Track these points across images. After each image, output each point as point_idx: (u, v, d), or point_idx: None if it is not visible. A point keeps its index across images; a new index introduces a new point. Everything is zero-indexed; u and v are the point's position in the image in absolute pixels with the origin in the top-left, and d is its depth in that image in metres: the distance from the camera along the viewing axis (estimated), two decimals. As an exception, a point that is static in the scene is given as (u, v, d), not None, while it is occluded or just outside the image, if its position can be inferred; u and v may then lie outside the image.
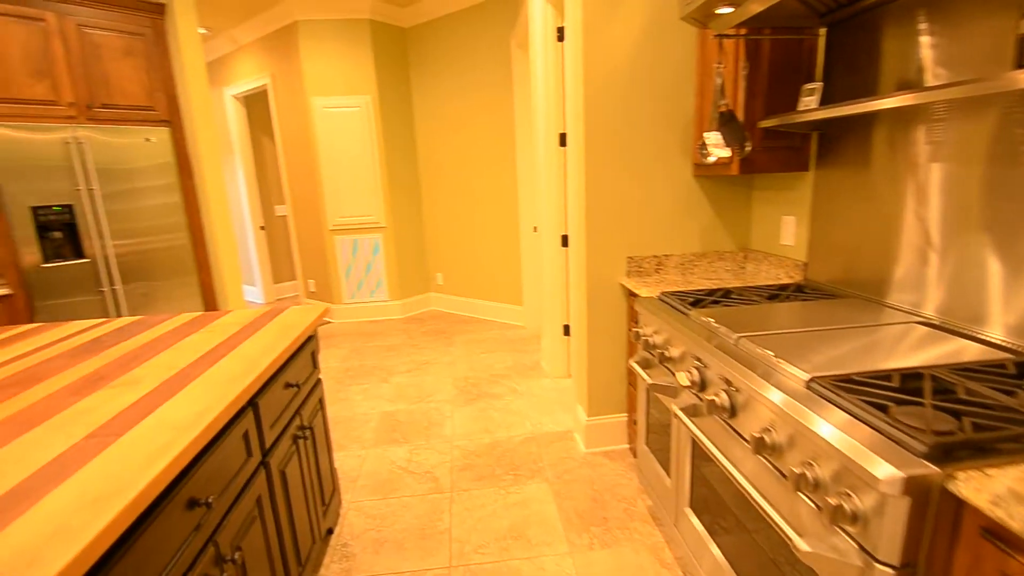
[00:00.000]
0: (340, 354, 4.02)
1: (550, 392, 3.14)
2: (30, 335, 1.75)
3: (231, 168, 5.79)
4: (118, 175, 3.03)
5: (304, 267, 5.24)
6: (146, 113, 3.15)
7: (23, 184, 2.74)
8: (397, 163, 4.82)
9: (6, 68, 2.67)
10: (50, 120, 2.82)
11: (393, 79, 4.70)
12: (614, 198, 2.23)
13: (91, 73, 2.93)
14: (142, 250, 3.16)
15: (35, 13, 2.72)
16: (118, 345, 1.57)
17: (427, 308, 5.27)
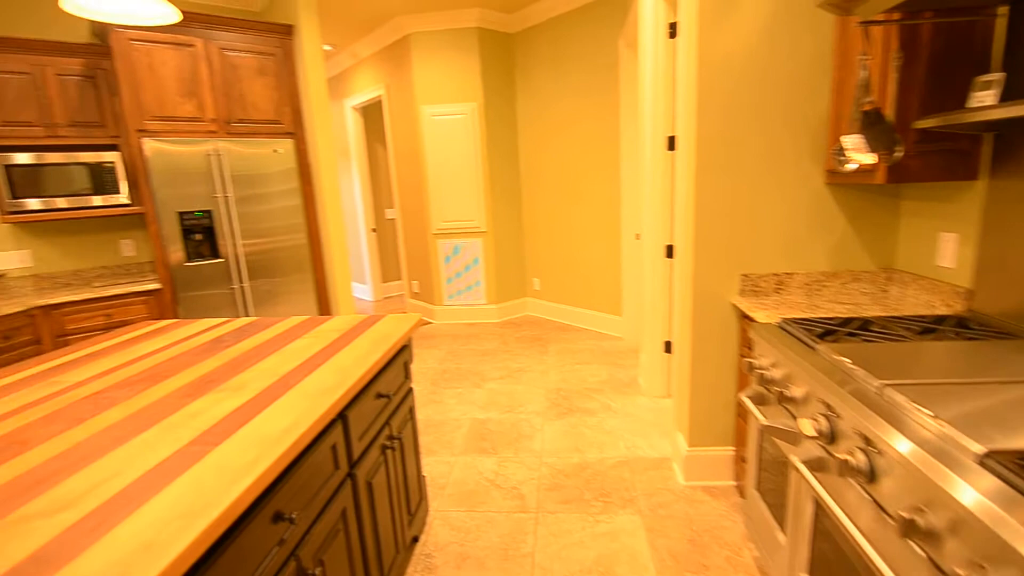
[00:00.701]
0: (438, 355, 4.12)
1: (647, 412, 2.95)
2: (167, 330, 1.95)
3: (348, 174, 6.20)
4: (248, 181, 3.33)
5: (409, 268, 5.47)
6: (274, 126, 3.44)
7: (172, 191, 3.10)
8: (499, 168, 4.85)
9: (163, 89, 3.03)
10: (196, 135, 3.16)
11: (498, 85, 4.73)
12: (728, 208, 2.01)
13: (230, 92, 3.24)
14: (267, 249, 3.45)
15: (187, 40, 3.07)
16: (234, 346, 1.68)
17: (523, 313, 5.25)
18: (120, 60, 2.90)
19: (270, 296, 3.50)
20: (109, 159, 3.10)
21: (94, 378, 1.46)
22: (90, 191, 3.07)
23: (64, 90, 3.01)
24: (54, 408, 1.25)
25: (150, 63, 2.98)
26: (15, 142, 2.92)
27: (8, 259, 3.18)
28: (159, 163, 3.03)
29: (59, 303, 2.89)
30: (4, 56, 2.84)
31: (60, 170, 2.98)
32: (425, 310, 5.27)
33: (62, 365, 1.59)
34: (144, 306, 3.13)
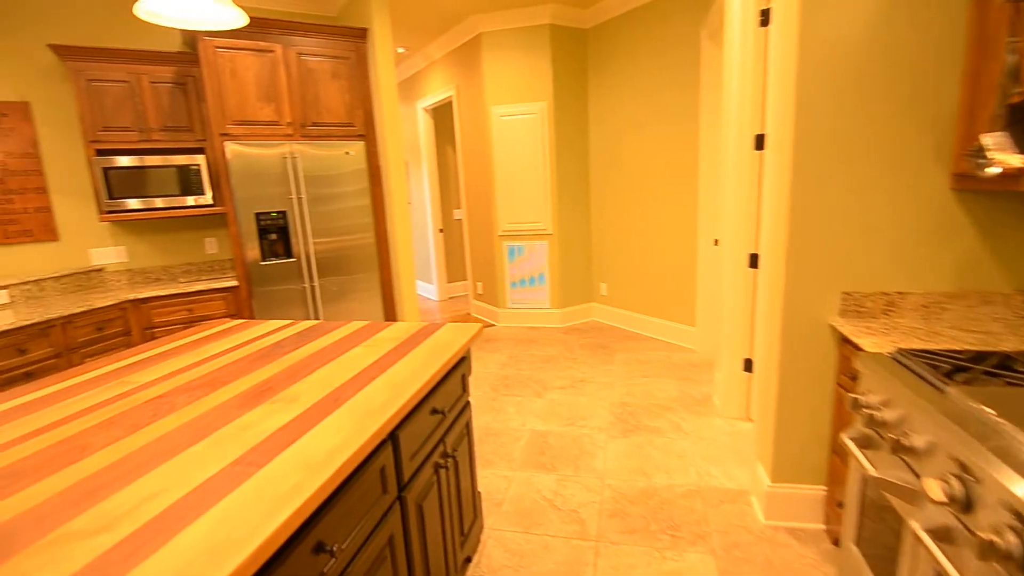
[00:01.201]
0: (499, 360, 4.05)
1: (722, 436, 2.71)
2: (235, 331, 1.98)
3: (418, 174, 6.28)
4: (320, 182, 3.40)
5: (474, 269, 5.44)
6: (347, 129, 3.49)
7: (250, 193, 3.21)
8: (567, 169, 4.70)
9: (244, 94, 3.15)
10: (273, 138, 3.26)
11: (569, 84, 4.58)
12: (829, 215, 1.77)
13: (306, 95, 3.32)
14: (336, 248, 3.51)
15: (267, 46, 3.17)
16: (292, 352, 1.66)
17: (588, 319, 5.08)
18: (207, 67, 3.03)
19: (338, 294, 3.56)
20: (196, 162, 3.26)
21: (160, 380, 1.48)
22: (178, 192, 3.24)
23: (157, 96, 3.20)
24: (117, 412, 1.26)
25: (233, 69, 3.10)
26: (113, 146, 3.13)
27: (106, 255, 3.43)
28: (239, 165, 3.15)
29: (147, 297, 3.07)
30: (106, 65, 3.05)
31: (152, 172, 3.16)
32: (488, 312, 5.23)
33: (135, 364, 1.64)
34: (223, 302, 3.27)
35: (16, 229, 3.18)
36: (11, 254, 3.18)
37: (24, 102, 3.12)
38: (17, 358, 2.49)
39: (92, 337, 2.84)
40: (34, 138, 3.17)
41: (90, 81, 3.03)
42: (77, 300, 2.97)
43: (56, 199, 3.26)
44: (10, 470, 1.00)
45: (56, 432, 1.16)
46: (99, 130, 3.09)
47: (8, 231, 3.16)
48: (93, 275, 3.38)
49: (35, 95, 3.14)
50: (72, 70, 2.98)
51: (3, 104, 3.06)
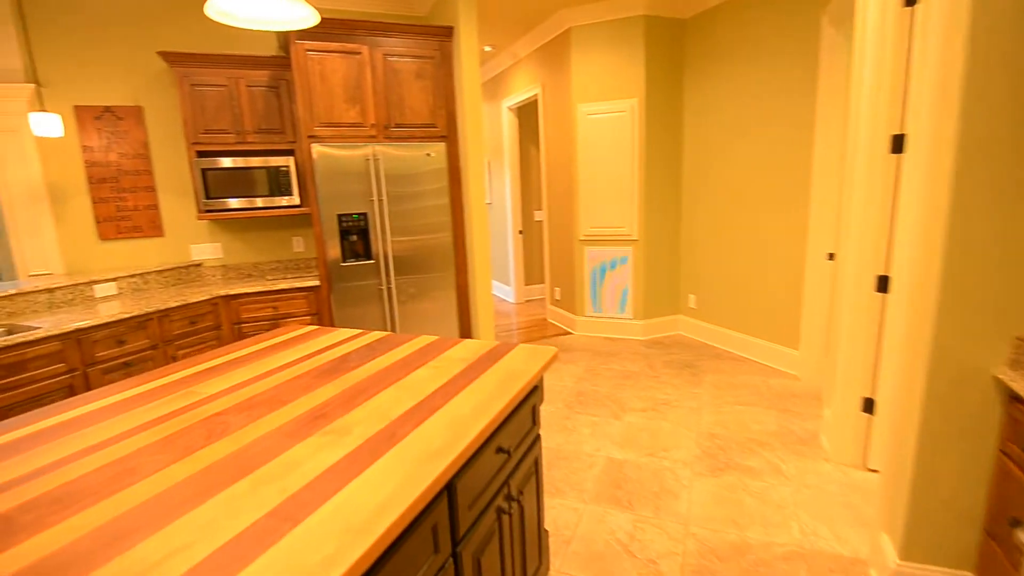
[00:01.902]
0: (574, 373, 3.84)
1: (831, 485, 2.33)
2: (306, 339, 1.94)
3: (500, 174, 6.19)
4: (400, 181, 3.37)
5: (552, 274, 5.26)
6: (428, 130, 3.43)
7: (334, 194, 3.24)
8: (657, 172, 4.38)
9: (331, 96, 3.17)
10: (357, 139, 3.27)
11: (663, 80, 4.26)
12: (1003, 238, 1.40)
13: (390, 96, 3.30)
14: (413, 247, 3.47)
15: (355, 47, 3.17)
16: (356, 370, 1.57)
17: (673, 332, 4.72)
18: (297, 70, 3.08)
19: (414, 294, 3.52)
20: (285, 163, 3.34)
21: (223, 393, 1.43)
22: (268, 193, 3.34)
23: (252, 100, 3.31)
24: (174, 430, 1.21)
25: (322, 71, 3.13)
26: (212, 147, 3.27)
27: (204, 251, 3.62)
28: (324, 166, 3.18)
29: (236, 294, 3.19)
30: (208, 70, 3.19)
31: (245, 173, 3.28)
32: (565, 319, 5.02)
33: (205, 372, 1.62)
34: (304, 301, 3.33)
35: (128, 225, 3.43)
36: (123, 248, 3.44)
37: (138, 106, 3.35)
38: (116, 349, 2.65)
39: (186, 330, 2.98)
40: (145, 140, 3.39)
41: (193, 86, 3.18)
42: (175, 293, 3.14)
43: (162, 197, 3.48)
44: (55, 495, 0.96)
45: (111, 451, 1.12)
46: (200, 132, 3.24)
47: (121, 227, 3.41)
48: (192, 270, 3.58)
49: (147, 99, 3.36)
50: (178, 75, 3.14)
51: (120, 108, 3.30)
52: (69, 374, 2.46)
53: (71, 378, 2.47)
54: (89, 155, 3.28)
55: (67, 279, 3.02)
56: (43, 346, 2.36)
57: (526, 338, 4.81)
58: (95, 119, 3.26)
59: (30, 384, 2.32)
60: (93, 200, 3.33)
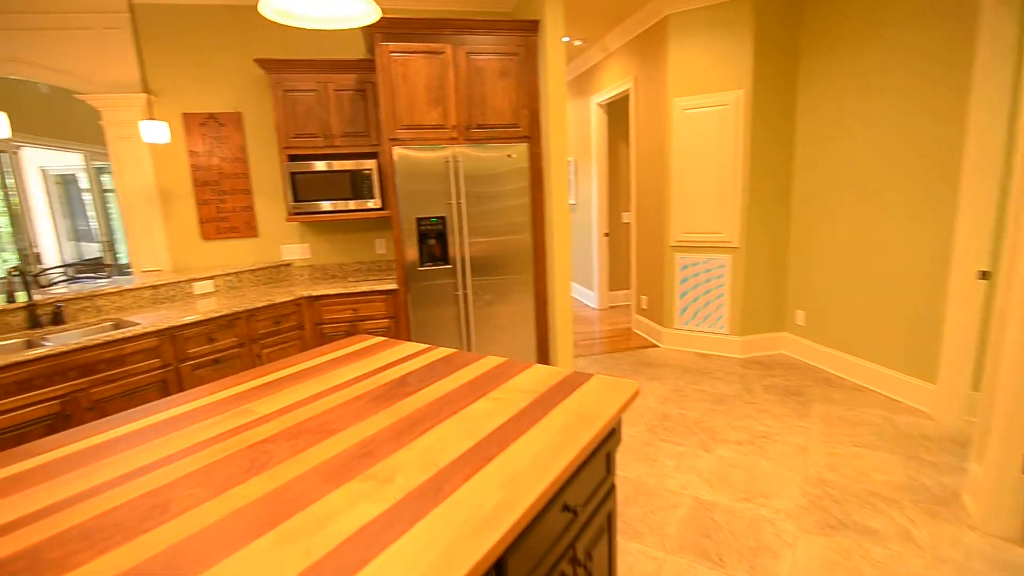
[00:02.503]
0: (660, 392, 3.52)
1: (979, 562, 1.88)
2: (370, 353, 1.85)
3: (586, 174, 5.94)
4: (479, 181, 3.26)
5: (639, 280, 4.93)
6: (511, 131, 3.28)
7: (413, 198, 3.19)
8: (763, 171, 3.92)
9: (413, 98, 3.12)
10: (438, 141, 3.19)
11: (774, 67, 3.79)
12: None
13: (472, 96, 3.18)
14: (491, 248, 3.36)
15: (438, 47, 3.09)
16: (413, 396, 1.45)
17: (775, 351, 4.23)
18: (381, 72, 3.06)
19: (490, 300, 3.40)
20: (368, 166, 3.35)
21: (275, 415, 1.36)
22: (351, 196, 3.37)
23: (340, 103, 3.35)
24: (217, 457, 1.14)
25: (405, 73, 3.08)
26: (302, 151, 3.35)
27: (294, 251, 3.74)
28: (404, 169, 3.14)
29: (319, 295, 3.24)
30: (299, 76, 3.26)
31: (330, 177, 3.33)
32: (651, 330, 4.68)
33: (263, 387, 1.57)
34: (383, 304, 3.33)
35: (226, 226, 3.61)
36: (221, 247, 3.63)
37: (238, 112, 3.51)
38: (207, 346, 2.77)
39: (270, 330, 3.06)
40: (243, 144, 3.55)
41: (286, 91, 3.27)
42: (264, 292, 3.26)
43: (258, 199, 3.64)
44: (86, 528, 0.91)
45: (150, 478, 1.07)
46: (291, 136, 3.33)
47: (220, 227, 3.60)
48: (282, 269, 3.71)
49: (246, 106, 3.52)
50: (272, 81, 3.24)
51: (222, 115, 3.48)
52: (163, 369, 2.59)
53: (164, 373, 2.60)
54: (194, 159, 3.49)
55: (172, 276, 3.22)
56: (141, 342, 2.50)
57: (608, 348, 4.53)
58: (200, 125, 3.46)
59: (127, 378, 2.46)
60: (197, 202, 3.54)
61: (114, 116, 3.30)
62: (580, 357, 4.32)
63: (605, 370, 3.99)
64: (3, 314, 2.51)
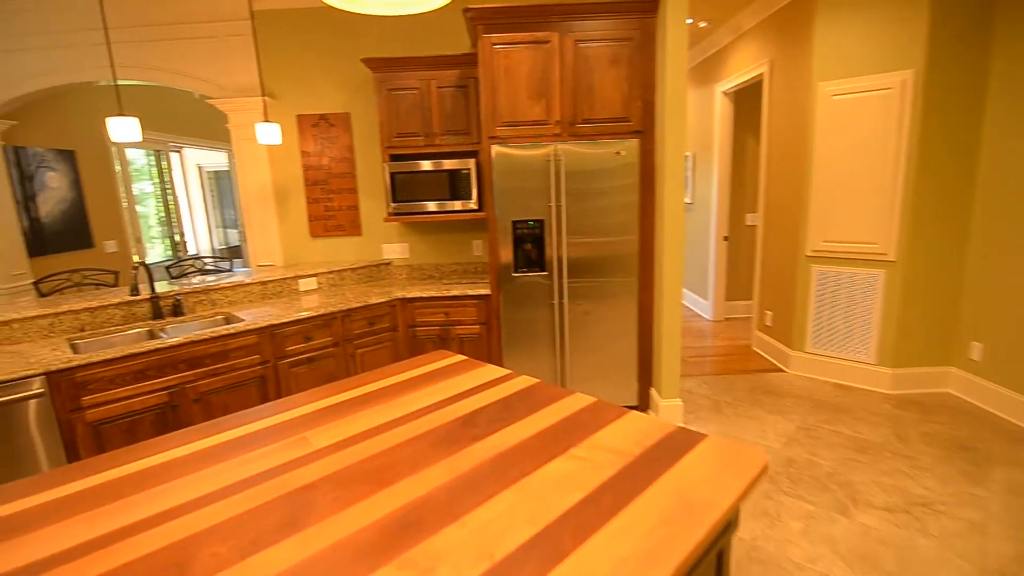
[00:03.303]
0: (785, 429, 3.01)
1: None
2: (448, 375, 1.68)
3: (706, 170, 5.38)
4: (582, 178, 2.98)
5: (763, 293, 4.33)
6: (620, 125, 2.96)
7: (510, 198, 3.00)
8: (934, 170, 3.18)
9: (515, 93, 2.91)
10: (540, 139, 2.96)
11: (958, 42, 3.04)
12: None
13: (578, 89, 2.91)
14: (592, 251, 3.06)
15: (544, 36, 2.85)
16: (480, 442, 1.24)
17: (938, 390, 3.45)
18: (483, 66, 2.89)
19: (588, 309, 3.11)
20: (467, 166, 3.22)
21: (329, 450, 1.23)
22: (448, 196, 3.26)
23: (442, 101, 3.25)
24: (251, 504, 1.02)
25: (507, 66, 2.89)
26: (403, 151, 3.31)
27: (394, 250, 3.75)
28: (502, 169, 2.96)
29: (412, 298, 3.18)
30: (403, 74, 3.20)
31: (428, 177, 3.25)
32: (776, 352, 4.08)
33: (326, 411, 1.46)
34: (475, 309, 3.19)
35: (333, 224, 3.70)
36: (327, 245, 3.73)
37: (346, 113, 3.56)
38: (303, 344, 2.81)
39: (365, 330, 3.06)
40: (351, 144, 3.60)
41: (390, 90, 3.23)
42: (363, 292, 3.27)
43: (362, 199, 3.68)
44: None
45: (170, 528, 0.96)
46: (393, 136, 3.30)
47: (327, 225, 3.70)
48: (382, 268, 3.73)
49: (353, 106, 3.56)
50: (377, 81, 3.22)
51: (332, 115, 3.55)
52: (262, 365, 2.67)
53: (264, 369, 2.67)
54: (306, 159, 3.61)
55: (280, 272, 3.35)
56: (243, 338, 2.58)
57: (722, 368, 4.03)
58: (312, 126, 3.56)
59: (230, 372, 2.55)
60: (307, 200, 3.66)
61: (239, 119, 3.50)
62: (688, 377, 3.87)
63: (716, 394, 3.52)
64: (130, 305, 2.73)
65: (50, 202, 4.55)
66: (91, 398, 2.17)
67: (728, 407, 3.33)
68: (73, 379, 2.13)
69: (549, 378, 3.20)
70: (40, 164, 4.45)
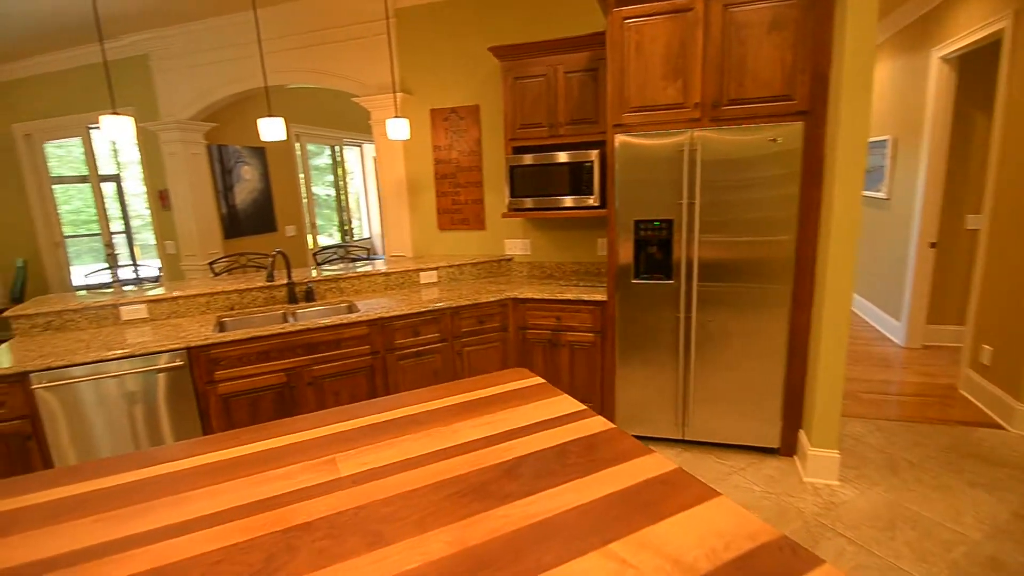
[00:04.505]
0: (991, 513, 2.21)
1: None
2: (503, 405, 1.47)
3: (911, 157, 4.29)
4: (723, 169, 2.50)
5: (982, 319, 3.29)
6: (779, 105, 2.41)
7: (633, 194, 2.65)
8: None
9: (646, 73, 2.54)
10: (673, 125, 2.55)
11: None
12: None
13: (725, 63, 2.43)
14: (731, 249, 2.56)
15: (686, 3, 2.42)
16: (506, 507, 1.01)
17: None
18: (611, 45, 2.58)
19: (723, 321, 2.63)
20: (589, 158, 2.93)
21: (347, 482, 1.11)
22: (567, 191, 3.01)
23: (569, 88, 2.99)
24: (238, 539, 0.93)
25: (639, 42, 2.53)
26: (526, 143, 3.14)
27: (515, 246, 3.62)
28: (626, 160, 2.63)
29: (524, 298, 3.02)
30: (529, 61, 3.02)
31: (547, 170, 3.03)
32: (993, 400, 3.07)
33: (370, 429, 1.35)
34: (589, 315, 2.92)
35: (459, 217, 3.70)
36: (452, 238, 3.75)
37: (475, 105, 3.50)
38: (412, 338, 2.82)
39: (473, 328, 2.98)
40: (479, 137, 3.54)
41: (516, 79, 3.07)
42: (481, 287, 3.21)
43: (487, 193, 3.60)
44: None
45: (159, 548, 0.91)
46: (518, 127, 3.14)
47: (454, 219, 3.71)
48: (503, 264, 3.63)
49: (482, 98, 3.48)
50: (504, 70, 3.08)
51: (462, 108, 3.52)
52: (372, 356, 2.74)
53: (373, 360, 2.74)
54: (437, 153, 3.64)
55: (402, 264, 3.45)
56: (355, 328, 2.67)
57: (911, 413, 3.16)
58: (443, 120, 3.58)
59: (342, 360, 2.66)
60: (437, 194, 3.70)
61: (378, 115, 3.66)
62: (856, 419, 3.11)
63: (895, 448, 2.76)
64: (271, 289, 3.01)
65: (244, 192, 5.33)
66: (222, 373, 2.41)
67: (909, 468, 2.57)
68: (208, 355, 2.38)
69: (668, 397, 2.80)
70: (237, 159, 5.23)
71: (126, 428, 2.28)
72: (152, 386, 2.30)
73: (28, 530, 0.99)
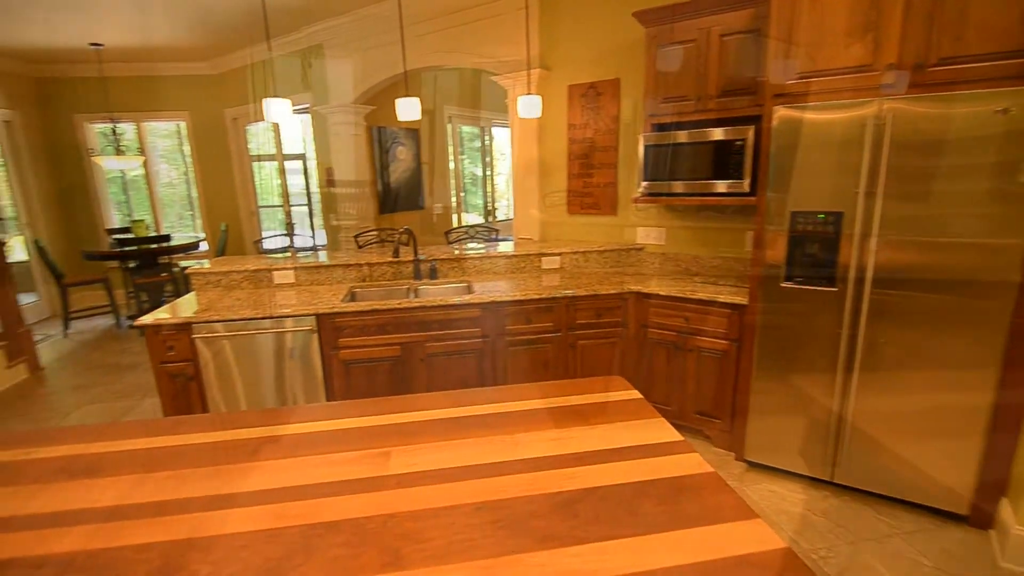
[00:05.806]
0: None
1: None
2: (586, 419, 1.28)
3: None
4: (921, 151, 1.94)
5: None
6: (1010, 65, 1.77)
7: (794, 179, 2.19)
8: None
9: (823, 30, 2.05)
10: (856, 93, 2.03)
11: None
12: None
13: (937, 9, 1.85)
14: (922, 250, 1.99)
15: (887, -65, 1.88)
16: (552, 552, 0.84)
17: None
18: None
19: (906, 346, 2.07)
20: (741, 136, 2.50)
21: (392, 482, 1.03)
22: (711, 175, 2.62)
23: (723, 53, 2.57)
24: (267, 524, 0.90)
25: (816, -8, 2.05)
26: (669, 119, 2.79)
27: (649, 234, 3.30)
28: (786, 138, 2.17)
29: (648, 293, 2.73)
30: (678, 25, 2.65)
31: (691, 150, 2.66)
32: None
33: (431, 424, 1.26)
34: (724, 320, 2.53)
35: (590, 201, 3.48)
36: (582, 223, 3.54)
37: (615, 79, 3.22)
38: (523, 325, 2.72)
39: (590, 321, 2.78)
40: (617, 114, 3.26)
41: (661, 47, 2.74)
42: (602, 277, 3.00)
43: (621, 176, 3.33)
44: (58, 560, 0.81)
45: (197, 519, 0.91)
46: (660, 102, 2.81)
47: (584, 202, 3.50)
48: (632, 253, 3.34)
49: (623, 71, 3.18)
50: (648, 37, 2.76)
51: (601, 83, 3.26)
52: (482, 339, 2.70)
53: (483, 343, 2.70)
54: (572, 132, 3.45)
55: (525, 248, 3.35)
56: (466, 310, 2.65)
57: None
58: (581, 96, 3.36)
59: (452, 340, 2.66)
60: (568, 175, 3.52)
61: (514, 94, 3.57)
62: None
63: None
64: (399, 265, 3.12)
65: (398, 171, 5.69)
66: (345, 340, 2.56)
67: None
68: (334, 323, 2.54)
69: (817, 428, 2.31)
70: (394, 140, 5.59)
71: (261, 382, 2.55)
72: (285, 346, 2.52)
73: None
